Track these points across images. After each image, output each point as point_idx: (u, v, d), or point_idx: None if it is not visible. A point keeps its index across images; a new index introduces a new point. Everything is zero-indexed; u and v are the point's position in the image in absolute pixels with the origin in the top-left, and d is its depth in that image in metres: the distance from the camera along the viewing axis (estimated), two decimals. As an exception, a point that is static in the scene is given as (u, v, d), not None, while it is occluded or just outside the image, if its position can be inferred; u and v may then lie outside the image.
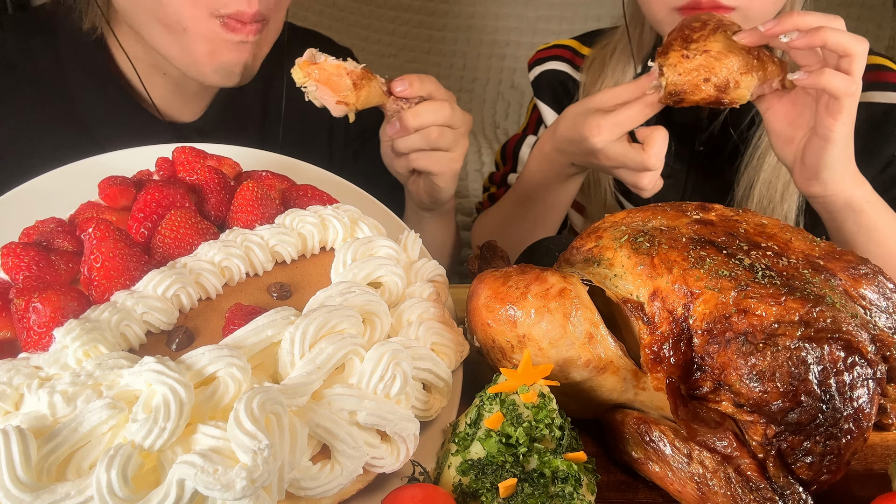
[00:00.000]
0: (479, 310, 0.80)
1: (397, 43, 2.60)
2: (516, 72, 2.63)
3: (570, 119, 1.18)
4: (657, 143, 1.10)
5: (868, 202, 1.09)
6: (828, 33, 0.96)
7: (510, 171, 1.57)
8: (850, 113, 1.00)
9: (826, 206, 1.11)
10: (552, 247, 1.09)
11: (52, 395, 0.62)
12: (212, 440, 0.61)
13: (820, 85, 0.99)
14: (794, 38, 0.98)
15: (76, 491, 0.58)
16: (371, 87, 1.05)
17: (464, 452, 0.70)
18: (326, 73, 1.02)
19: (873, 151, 1.30)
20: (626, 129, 1.12)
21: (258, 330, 0.70)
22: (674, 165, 1.42)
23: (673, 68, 1.05)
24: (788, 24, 0.99)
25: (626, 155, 1.12)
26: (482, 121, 2.62)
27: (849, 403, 0.66)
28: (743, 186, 1.35)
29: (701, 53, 1.04)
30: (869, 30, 2.48)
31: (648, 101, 1.10)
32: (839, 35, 0.97)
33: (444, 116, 1.10)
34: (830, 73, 0.98)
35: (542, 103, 1.54)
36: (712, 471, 0.70)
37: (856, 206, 1.09)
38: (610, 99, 1.13)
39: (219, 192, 0.87)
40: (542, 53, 1.57)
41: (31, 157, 1.02)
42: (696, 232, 0.81)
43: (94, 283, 0.75)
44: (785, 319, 0.69)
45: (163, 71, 1.24)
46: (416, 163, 1.15)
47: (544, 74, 1.55)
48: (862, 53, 0.97)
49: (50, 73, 1.24)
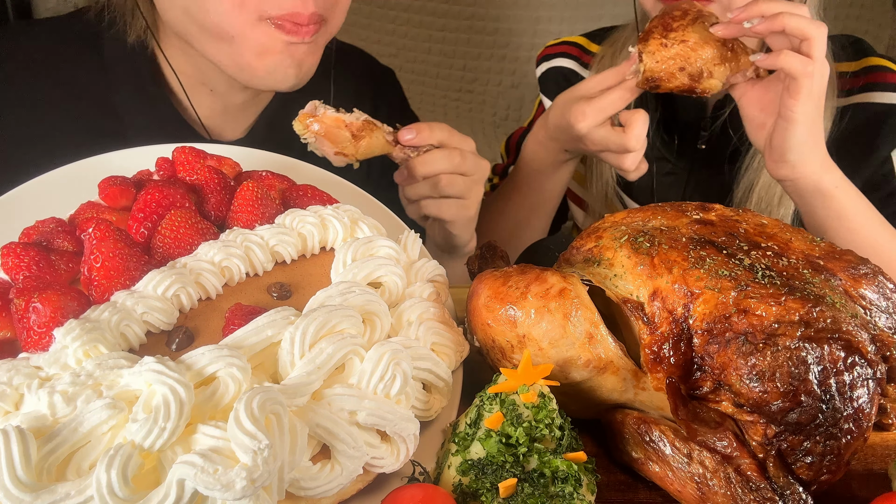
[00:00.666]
0: (479, 310, 0.80)
1: (397, 43, 2.59)
2: (516, 72, 2.63)
3: (560, 107, 1.22)
4: (637, 126, 1.14)
5: (837, 187, 1.12)
6: (786, 18, 1.01)
7: (511, 162, 1.58)
8: (808, 93, 1.04)
9: (796, 190, 1.14)
10: (552, 247, 1.09)
11: (52, 395, 0.62)
12: (212, 440, 0.61)
13: (777, 65, 1.04)
14: (755, 23, 1.04)
15: (76, 491, 0.58)
16: (373, 137, 1.07)
17: (464, 452, 0.70)
18: (325, 126, 1.05)
19: (873, 150, 1.30)
20: (608, 113, 1.16)
21: (258, 330, 0.70)
22: (676, 163, 1.42)
23: (651, 55, 1.10)
24: (753, 10, 1.04)
25: (608, 139, 1.16)
26: (482, 121, 2.62)
27: (849, 403, 0.66)
28: (742, 188, 1.36)
29: (679, 43, 1.09)
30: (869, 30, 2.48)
31: (628, 86, 1.15)
32: (797, 20, 1.01)
33: (453, 164, 1.11)
34: (788, 54, 1.02)
35: (546, 99, 1.55)
36: (712, 471, 0.70)
37: (824, 190, 1.11)
38: (595, 86, 1.18)
39: (219, 192, 0.87)
40: (551, 50, 1.58)
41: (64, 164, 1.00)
42: (696, 232, 0.81)
43: (94, 283, 0.75)
44: (785, 319, 0.69)
45: (210, 87, 1.22)
46: (427, 210, 1.16)
47: (551, 71, 1.56)
48: (820, 36, 1.02)
49: (92, 83, 1.20)
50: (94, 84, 1.21)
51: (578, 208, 1.60)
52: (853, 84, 1.34)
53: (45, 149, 1.17)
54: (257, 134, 1.31)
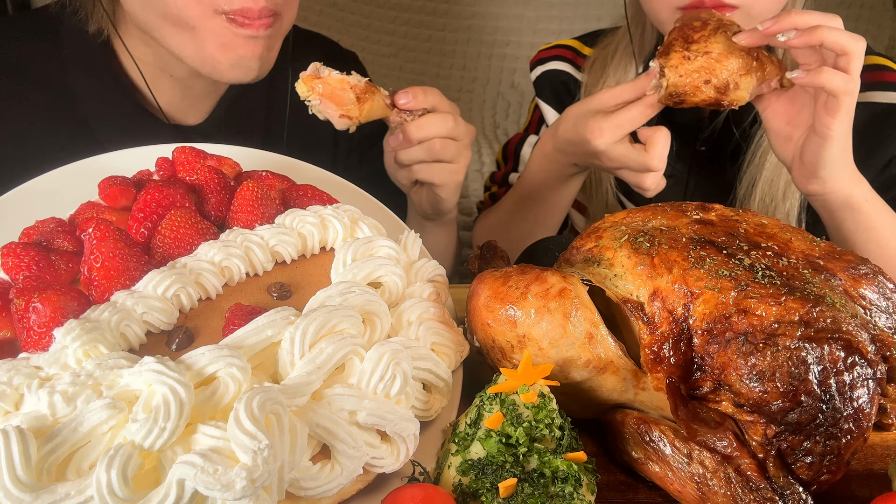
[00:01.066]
0: (479, 310, 0.80)
1: (397, 43, 2.59)
2: (516, 72, 2.63)
3: (571, 120, 1.18)
4: (659, 144, 1.10)
5: (867, 201, 1.09)
6: (825, 32, 0.97)
7: (511, 170, 1.57)
8: (848, 111, 1.00)
9: (825, 204, 1.11)
10: (552, 247, 1.09)
11: (52, 395, 0.62)
12: (212, 440, 0.61)
13: (818, 83, 0.99)
14: (791, 36, 0.99)
15: (76, 491, 0.58)
16: (374, 100, 1.07)
17: (464, 452, 0.70)
18: (330, 87, 1.04)
19: (874, 151, 1.30)
20: (627, 130, 1.12)
21: (258, 330, 0.70)
22: (675, 165, 1.42)
23: (674, 69, 1.05)
24: (786, 22, 0.99)
25: (628, 156, 1.12)
26: (482, 121, 2.62)
27: (849, 403, 0.66)
28: (745, 185, 1.35)
29: (702, 55, 1.04)
30: (869, 30, 2.48)
31: (649, 102, 1.10)
32: (836, 34, 0.97)
33: (447, 128, 1.11)
34: (829, 72, 0.98)
35: (543, 103, 1.55)
36: (712, 471, 0.70)
37: (854, 204, 1.09)
38: (610, 99, 1.13)
39: (219, 192, 0.87)
40: (544, 53, 1.58)
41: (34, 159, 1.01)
42: (696, 232, 0.81)
43: (94, 283, 0.75)
44: (785, 319, 0.69)
45: (170, 73, 1.24)
46: (419, 174, 1.16)
47: (546, 74, 1.55)
48: (859, 52, 0.97)
49: (54, 77, 1.23)
50: (54, 75, 1.23)
51: (579, 213, 1.59)
52: None
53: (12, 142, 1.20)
54: (216, 118, 1.32)
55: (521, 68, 2.56)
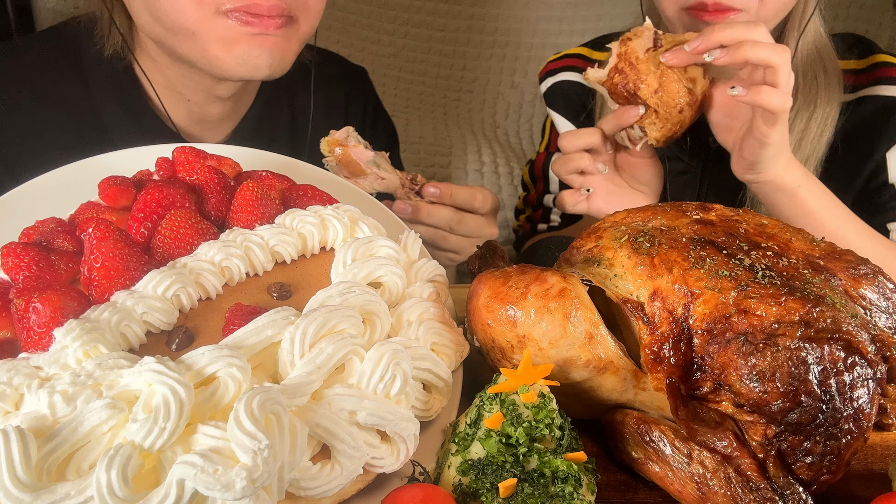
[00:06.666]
0: (479, 310, 0.80)
1: (397, 43, 2.59)
2: (516, 72, 2.62)
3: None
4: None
5: (800, 186, 1.14)
6: (748, 49, 1.01)
7: (544, 192, 1.58)
8: (783, 121, 1.06)
9: (759, 189, 1.17)
10: (552, 247, 1.09)
11: (52, 395, 0.62)
12: (212, 440, 0.61)
13: (757, 103, 1.04)
14: (717, 56, 1.04)
15: (76, 491, 0.58)
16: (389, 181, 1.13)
17: (464, 452, 0.70)
18: (348, 157, 1.09)
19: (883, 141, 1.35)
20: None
21: (258, 330, 0.70)
22: (689, 162, 1.43)
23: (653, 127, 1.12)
24: (711, 40, 1.04)
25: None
26: (482, 121, 2.62)
27: (849, 403, 0.66)
28: None
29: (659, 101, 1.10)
30: (869, 30, 2.48)
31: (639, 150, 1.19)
32: (759, 49, 1.01)
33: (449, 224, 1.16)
34: (766, 91, 1.03)
35: (556, 114, 1.55)
36: (712, 471, 0.70)
37: (787, 189, 1.14)
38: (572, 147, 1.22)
39: (219, 192, 0.87)
40: (553, 65, 1.58)
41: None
42: (696, 232, 0.81)
43: (94, 283, 0.75)
44: (785, 319, 0.69)
45: (186, 98, 1.25)
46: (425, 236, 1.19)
47: (557, 86, 1.56)
48: (784, 63, 1.02)
49: (80, 100, 1.24)
50: (80, 99, 1.24)
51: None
52: (862, 81, 1.38)
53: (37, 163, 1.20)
54: (236, 142, 1.32)
55: (521, 68, 2.56)
